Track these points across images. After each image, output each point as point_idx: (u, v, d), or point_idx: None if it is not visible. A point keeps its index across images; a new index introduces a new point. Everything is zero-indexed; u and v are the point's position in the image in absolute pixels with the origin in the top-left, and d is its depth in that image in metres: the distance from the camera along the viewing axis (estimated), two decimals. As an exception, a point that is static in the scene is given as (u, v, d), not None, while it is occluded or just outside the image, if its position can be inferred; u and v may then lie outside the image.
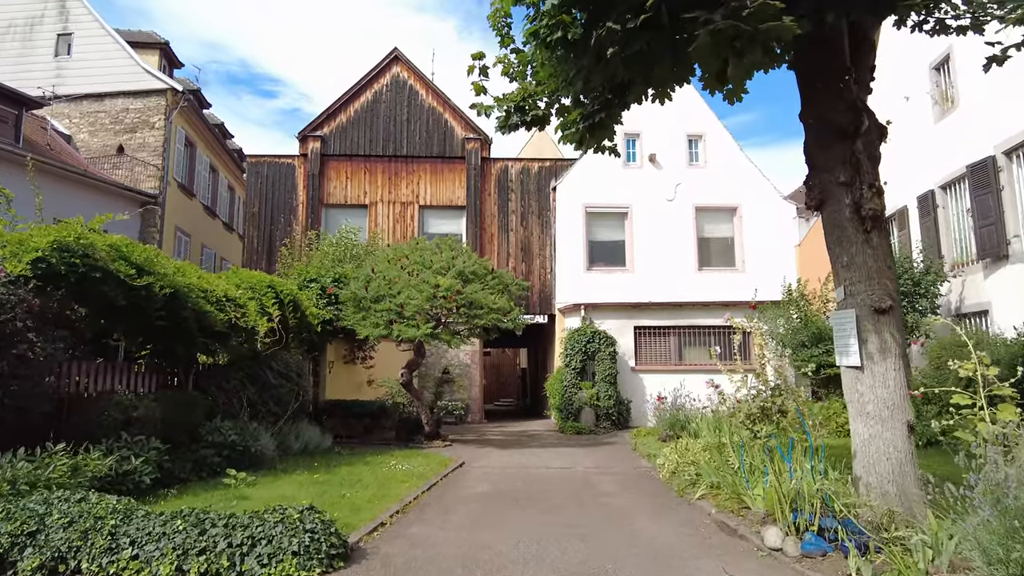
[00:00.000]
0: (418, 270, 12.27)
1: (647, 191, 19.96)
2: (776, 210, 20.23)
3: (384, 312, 11.98)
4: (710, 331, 17.27)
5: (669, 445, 10.92)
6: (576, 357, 16.20)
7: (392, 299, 11.97)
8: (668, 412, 13.85)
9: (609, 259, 19.85)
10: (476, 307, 11.86)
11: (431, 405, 18.59)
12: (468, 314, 11.88)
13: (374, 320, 12.08)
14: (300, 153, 20.04)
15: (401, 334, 11.74)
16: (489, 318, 11.87)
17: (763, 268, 19.80)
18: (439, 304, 11.74)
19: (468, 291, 11.76)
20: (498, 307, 11.91)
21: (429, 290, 11.60)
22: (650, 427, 15.56)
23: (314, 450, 11.84)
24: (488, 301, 11.88)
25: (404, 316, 11.84)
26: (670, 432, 12.33)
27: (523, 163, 20.25)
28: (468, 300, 11.77)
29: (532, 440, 14.46)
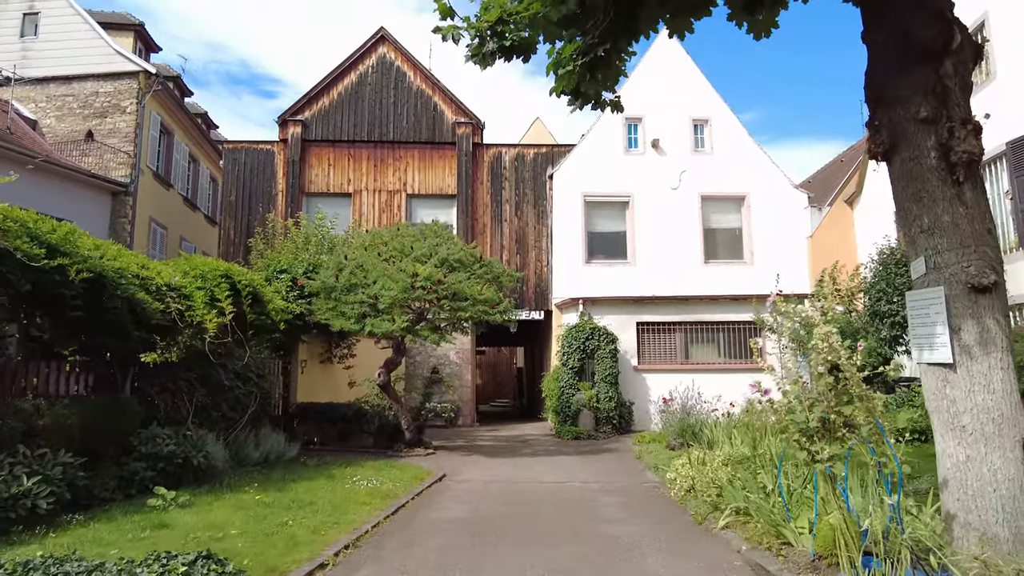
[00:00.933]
0: (397, 257, 10.72)
1: (650, 179, 18.41)
2: (787, 199, 18.68)
3: (356, 304, 10.44)
4: (719, 327, 15.73)
5: (680, 455, 9.36)
6: (574, 355, 14.65)
7: (365, 289, 10.43)
8: (676, 416, 12.30)
9: (609, 251, 18.31)
10: (460, 299, 10.31)
11: (418, 407, 17.03)
12: (451, 306, 10.33)
13: (345, 313, 10.54)
14: (280, 139, 18.50)
15: (374, 329, 10.20)
16: (474, 311, 10.32)
17: (773, 261, 18.23)
18: (418, 295, 10.20)
19: (451, 281, 10.22)
20: (484, 299, 10.36)
21: (406, 279, 10.06)
22: (654, 432, 14.01)
23: (276, 460, 10.30)
24: (473, 292, 10.33)
25: (378, 309, 10.31)
26: (679, 440, 10.78)
27: (518, 149, 18.71)
28: (451, 291, 10.22)
29: (525, 446, 12.92)
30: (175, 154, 21.10)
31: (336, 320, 10.64)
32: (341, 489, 7.90)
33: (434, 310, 10.41)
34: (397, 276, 10.12)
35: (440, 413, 16.84)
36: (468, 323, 11.36)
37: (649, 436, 12.74)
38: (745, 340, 15.71)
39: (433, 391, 17.31)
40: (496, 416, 23.26)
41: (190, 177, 22.65)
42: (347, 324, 10.50)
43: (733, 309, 15.69)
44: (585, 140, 18.58)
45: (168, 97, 20.15)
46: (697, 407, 11.43)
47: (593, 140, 18.56)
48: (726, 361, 15.61)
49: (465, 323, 11.01)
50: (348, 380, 14.02)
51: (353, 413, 12.22)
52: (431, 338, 10.39)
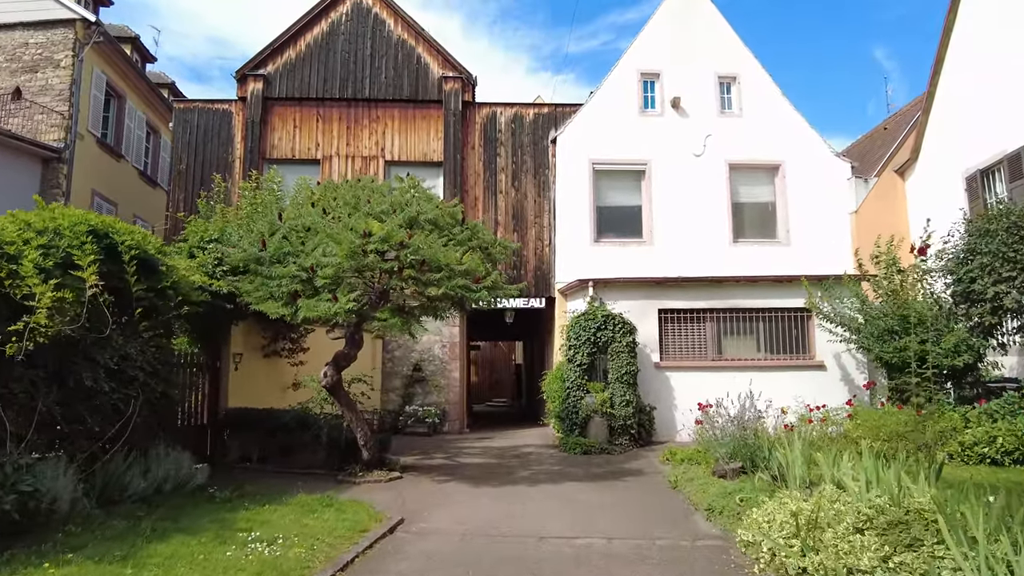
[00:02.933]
0: (347, 213, 7.50)
1: (669, 144, 15.20)
2: (827, 169, 15.46)
3: (286, 280, 7.24)
4: (759, 315, 12.50)
5: (748, 494, 6.17)
6: (582, 349, 11.45)
7: (299, 259, 7.24)
8: (718, 426, 9.10)
9: (622, 229, 15.10)
10: (431, 269, 7.10)
11: (396, 412, 13.84)
12: (419, 279, 7.12)
13: (273, 292, 7.36)
14: (238, 97, 15.30)
15: (308, 313, 7.00)
16: (451, 286, 7.09)
17: (812, 240, 15.06)
18: (371, 263, 6.99)
19: (418, 243, 7.00)
20: (465, 269, 7.14)
21: (355, 241, 6.85)
22: (684, 444, 10.82)
23: (174, 490, 7.12)
24: (450, 259, 7.12)
25: (315, 285, 7.12)
26: (732, 463, 7.56)
27: (515, 109, 15.47)
28: (419, 257, 7.00)
29: (522, 466, 9.71)
30: (128, 121, 17.90)
31: (262, 302, 7.47)
32: (217, 560, 4.70)
33: (394, 283, 7.20)
34: (342, 237, 6.91)
35: (422, 418, 13.66)
36: (445, 305, 8.14)
37: (681, 452, 9.53)
38: (791, 331, 12.50)
39: (415, 392, 14.15)
40: (491, 419, 20.05)
41: (149, 150, 19.44)
42: (275, 307, 7.33)
43: (777, 293, 12.48)
44: (594, 98, 15.35)
45: (116, 55, 16.95)
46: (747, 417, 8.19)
47: (603, 99, 15.34)
48: (767, 356, 12.39)
49: (439, 303, 7.81)
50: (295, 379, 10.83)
51: (296, 422, 9.01)
52: (391, 325, 7.14)
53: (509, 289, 7.94)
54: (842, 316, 11.37)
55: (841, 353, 12.27)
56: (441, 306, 8.07)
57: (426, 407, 13.84)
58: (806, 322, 12.49)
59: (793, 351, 12.43)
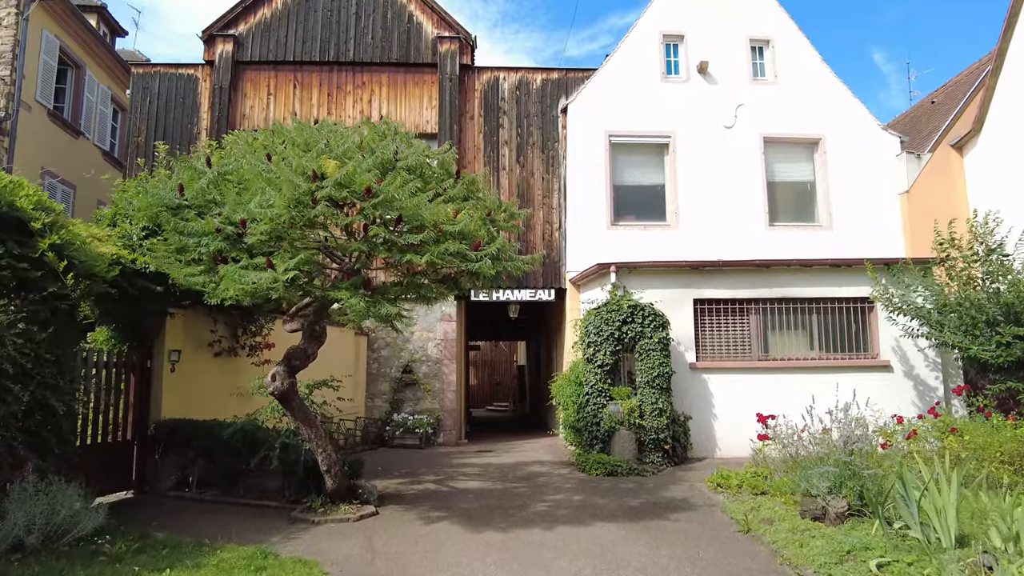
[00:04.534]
0: (298, 155, 5.28)
1: (696, 114, 13.03)
2: (873, 145, 13.30)
3: (208, 238, 5.03)
4: (812, 307, 10.28)
5: (872, 546, 3.97)
6: (604, 347, 9.23)
7: (228, 209, 5.03)
8: (789, 442, 6.88)
9: (642, 210, 12.91)
10: (412, 228, 4.89)
11: (383, 421, 11.60)
12: (393, 243, 4.90)
13: (186, 251, 5.15)
14: (205, 60, 13.12)
15: (232, 284, 4.77)
16: (439, 252, 4.85)
17: (857, 224, 12.91)
18: (321, 213, 4.77)
19: (390, 191, 4.79)
20: (459, 229, 4.92)
21: (300, 186, 4.65)
22: (726, 461, 8.60)
23: (43, 544, 4.87)
24: (438, 216, 4.91)
25: (249, 246, 4.91)
26: (836, 503, 5.30)
27: (520, 74, 13.29)
28: (392, 212, 4.79)
29: (534, 494, 7.46)
30: (88, 95, 15.68)
31: (174, 267, 5.26)
32: None
33: (355, 247, 4.98)
34: (283, 181, 4.71)
35: (413, 428, 11.41)
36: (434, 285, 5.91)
37: (734, 476, 7.30)
38: (849, 324, 10.28)
39: (405, 397, 11.92)
40: (492, 426, 17.80)
41: (116, 129, 17.23)
42: (188, 274, 5.12)
43: (834, 280, 10.27)
44: (610, 62, 13.17)
45: (73, 19, 14.74)
46: (855, 434, 5.95)
47: (620, 63, 13.16)
48: (822, 355, 10.17)
49: (425, 280, 5.59)
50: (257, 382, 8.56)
51: (243, 439, 6.76)
52: (352, 307, 4.86)
53: (520, 261, 5.71)
54: (917, 307, 9.17)
55: (909, 351, 10.08)
56: (428, 285, 5.82)
57: (417, 415, 11.61)
58: (867, 314, 10.28)
59: (852, 348, 10.22)
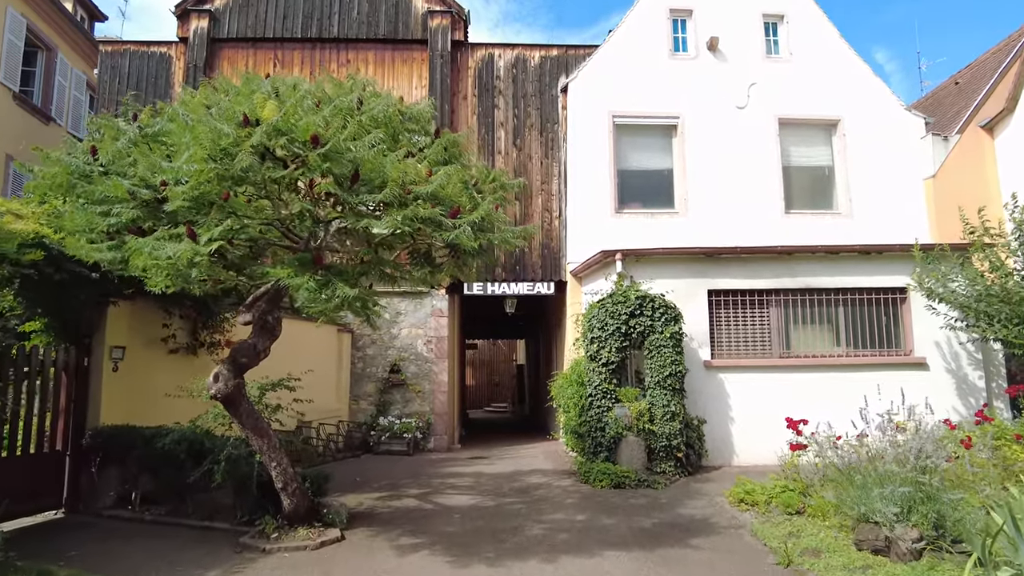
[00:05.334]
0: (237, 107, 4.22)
1: (706, 94, 11.96)
2: (896, 126, 12.24)
3: (119, 206, 3.97)
4: (839, 298, 9.19)
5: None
6: (609, 343, 8.17)
7: (141, 170, 3.97)
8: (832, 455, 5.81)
9: (649, 197, 11.84)
10: (371, 188, 3.83)
11: (367, 426, 10.56)
12: (346, 202, 3.84)
13: (95, 224, 4.09)
14: (179, 38, 12.07)
15: (141, 260, 3.73)
16: (405, 217, 3.78)
17: (879, 211, 11.85)
18: (262, 175, 3.72)
19: (340, 139, 3.73)
20: (432, 191, 3.87)
21: (226, 134, 3.60)
22: (745, 469, 7.53)
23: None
24: (408, 172, 3.85)
25: (167, 213, 3.86)
26: (907, 533, 4.22)
27: (517, 51, 12.23)
28: (343, 163, 3.73)
29: (531, 511, 6.39)
30: (60, 79, 14.65)
31: (73, 239, 4.21)
32: None
33: (295, 209, 3.91)
34: (207, 132, 3.66)
35: (399, 433, 10.35)
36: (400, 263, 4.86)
37: (760, 489, 6.22)
38: (880, 317, 9.20)
39: (392, 399, 10.86)
40: (489, 429, 16.73)
41: (91, 116, 16.19)
42: (93, 250, 4.07)
43: (862, 267, 9.20)
44: (613, 38, 12.11)
45: None
46: (927, 448, 4.86)
47: (624, 39, 12.10)
48: (849, 352, 9.10)
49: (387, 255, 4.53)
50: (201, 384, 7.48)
51: (187, 449, 5.70)
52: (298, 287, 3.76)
53: (510, 234, 4.64)
54: (961, 297, 8.09)
55: (946, 346, 9.01)
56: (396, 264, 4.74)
57: (405, 419, 10.54)
58: (899, 306, 9.20)
59: (883, 344, 9.14)
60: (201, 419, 5.99)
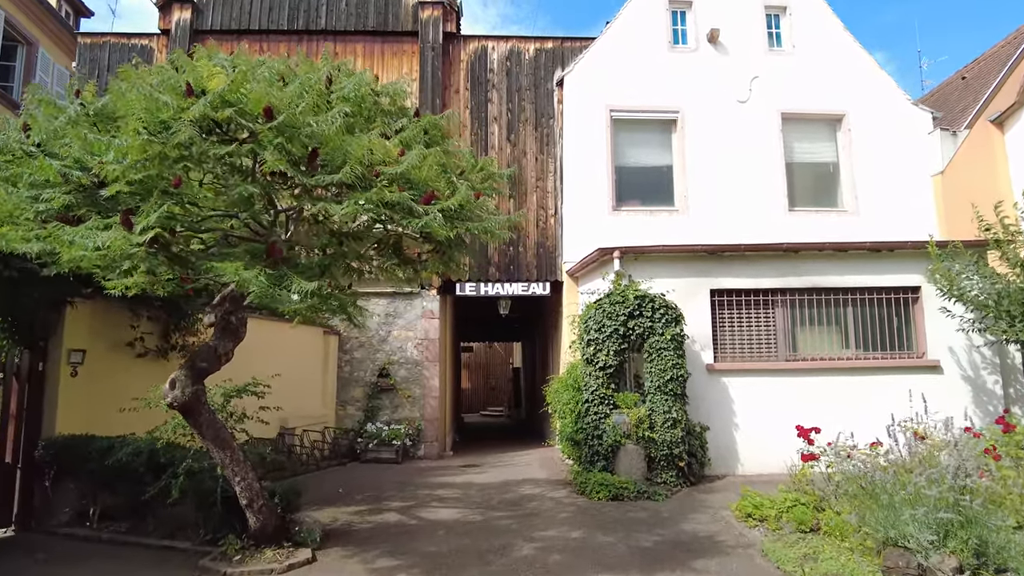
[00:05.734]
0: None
1: (706, 88, 11.51)
2: (903, 121, 11.79)
3: (50, 190, 3.49)
4: (847, 298, 8.71)
5: None
6: (607, 346, 7.68)
7: (72, 149, 3.49)
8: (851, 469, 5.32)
9: (648, 194, 11.38)
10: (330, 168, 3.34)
11: (354, 432, 10.09)
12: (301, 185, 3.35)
13: (18, 208, 3.61)
14: (161, 30, 11.61)
15: (68, 251, 3.25)
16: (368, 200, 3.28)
17: (885, 208, 11.40)
18: (205, 151, 3.23)
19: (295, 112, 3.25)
20: (402, 171, 3.38)
21: (170, 107, 3.13)
22: (750, 479, 7.03)
23: None
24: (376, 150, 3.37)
25: (103, 199, 3.38)
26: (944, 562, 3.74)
27: (511, 43, 11.77)
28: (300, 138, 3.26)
29: (522, 527, 5.89)
30: (42, 74, 14.15)
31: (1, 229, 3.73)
32: None
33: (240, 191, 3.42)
34: (142, 102, 3.19)
35: (388, 440, 9.84)
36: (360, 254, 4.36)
37: (770, 503, 5.72)
38: (891, 318, 8.72)
39: (380, 404, 10.36)
40: (484, 434, 16.24)
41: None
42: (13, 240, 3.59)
43: (872, 266, 8.72)
44: (610, 30, 11.65)
45: (23, -11, 13.27)
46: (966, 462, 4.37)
47: (622, 31, 11.64)
48: (859, 354, 8.61)
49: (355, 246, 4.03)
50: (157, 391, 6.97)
51: (147, 462, 5.20)
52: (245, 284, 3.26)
53: (491, 222, 4.15)
54: (978, 296, 7.61)
55: (961, 348, 8.53)
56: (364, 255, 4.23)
57: (394, 425, 10.04)
58: (911, 306, 8.72)
59: (894, 346, 8.65)
60: (160, 430, 5.48)
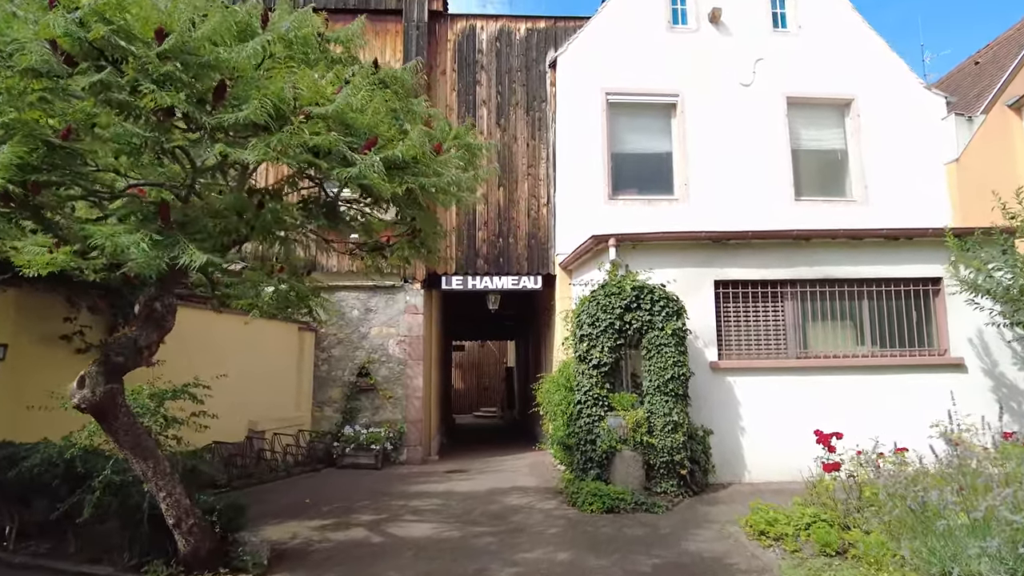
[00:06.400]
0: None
1: (708, 71, 10.78)
2: (915, 106, 11.08)
3: None
4: (863, 290, 7.96)
5: None
6: (602, 342, 6.95)
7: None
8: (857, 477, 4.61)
9: (646, 182, 10.65)
10: (236, 103, 2.61)
11: (332, 435, 9.36)
12: (199, 124, 2.61)
13: None
14: (129, 8, 10.85)
15: None
16: (280, 142, 2.54)
17: (896, 198, 10.68)
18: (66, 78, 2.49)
19: (192, 32, 2.51)
20: (336, 109, 2.65)
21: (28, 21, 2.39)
22: (758, 487, 6.30)
23: None
24: (304, 86, 2.62)
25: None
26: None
27: (501, 22, 11.03)
28: (200, 72, 2.52)
29: (503, 546, 5.12)
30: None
31: None
32: None
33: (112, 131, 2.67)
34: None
35: (367, 444, 9.09)
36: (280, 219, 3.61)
37: (785, 517, 4.97)
38: (909, 312, 7.97)
39: (359, 406, 9.62)
40: (475, 436, 15.49)
41: None
42: None
43: (890, 255, 7.98)
44: (606, 8, 10.92)
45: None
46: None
47: (619, 9, 10.91)
48: (874, 352, 7.87)
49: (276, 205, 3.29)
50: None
51: (64, 473, 4.45)
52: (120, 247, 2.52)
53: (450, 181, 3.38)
54: (1010, 289, 6.88)
55: (987, 345, 7.79)
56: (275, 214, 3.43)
57: (373, 428, 9.29)
58: (931, 299, 7.99)
59: (913, 343, 7.91)
60: (76, 435, 4.72)
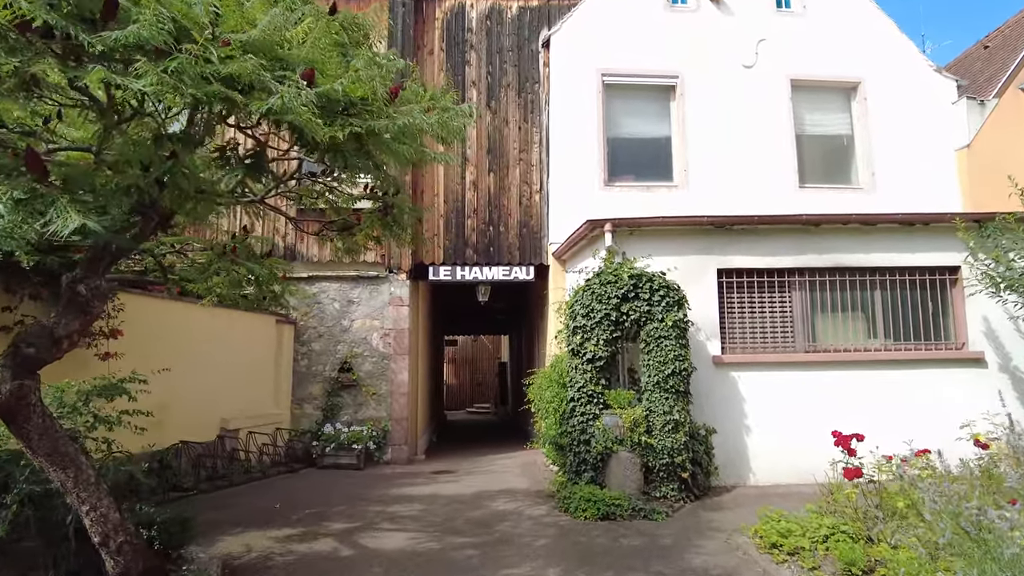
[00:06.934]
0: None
1: (708, 52, 10.21)
2: (924, 90, 10.54)
3: None
4: (875, 279, 7.41)
5: None
6: (597, 334, 6.39)
7: None
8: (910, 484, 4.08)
9: (644, 168, 10.08)
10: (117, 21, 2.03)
11: (311, 434, 8.79)
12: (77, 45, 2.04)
13: None
14: (99, -17, 10.21)
15: None
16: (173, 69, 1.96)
17: (904, 185, 10.15)
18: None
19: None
20: (261, 41, 2.08)
21: None
22: (765, 490, 5.77)
23: None
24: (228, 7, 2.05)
25: None
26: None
27: (491, 0, 10.42)
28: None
29: (484, 564, 4.57)
30: None
31: None
32: None
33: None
34: None
35: (348, 443, 8.52)
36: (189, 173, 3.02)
37: (801, 527, 4.42)
38: (924, 303, 7.44)
39: (341, 403, 9.04)
40: (466, 434, 14.93)
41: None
42: None
43: (904, 243, 7.42)
44: (603, -16, 10.34)
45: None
46: None
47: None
48: (887, 345, 7.34)
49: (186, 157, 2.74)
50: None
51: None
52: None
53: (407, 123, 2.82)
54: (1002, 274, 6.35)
55: (1008, 338, 7.26)
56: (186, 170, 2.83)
57: (356, 427, 8.71)
58: (948, 289, 7.45)
59: (928, 336, 7.37)
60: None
